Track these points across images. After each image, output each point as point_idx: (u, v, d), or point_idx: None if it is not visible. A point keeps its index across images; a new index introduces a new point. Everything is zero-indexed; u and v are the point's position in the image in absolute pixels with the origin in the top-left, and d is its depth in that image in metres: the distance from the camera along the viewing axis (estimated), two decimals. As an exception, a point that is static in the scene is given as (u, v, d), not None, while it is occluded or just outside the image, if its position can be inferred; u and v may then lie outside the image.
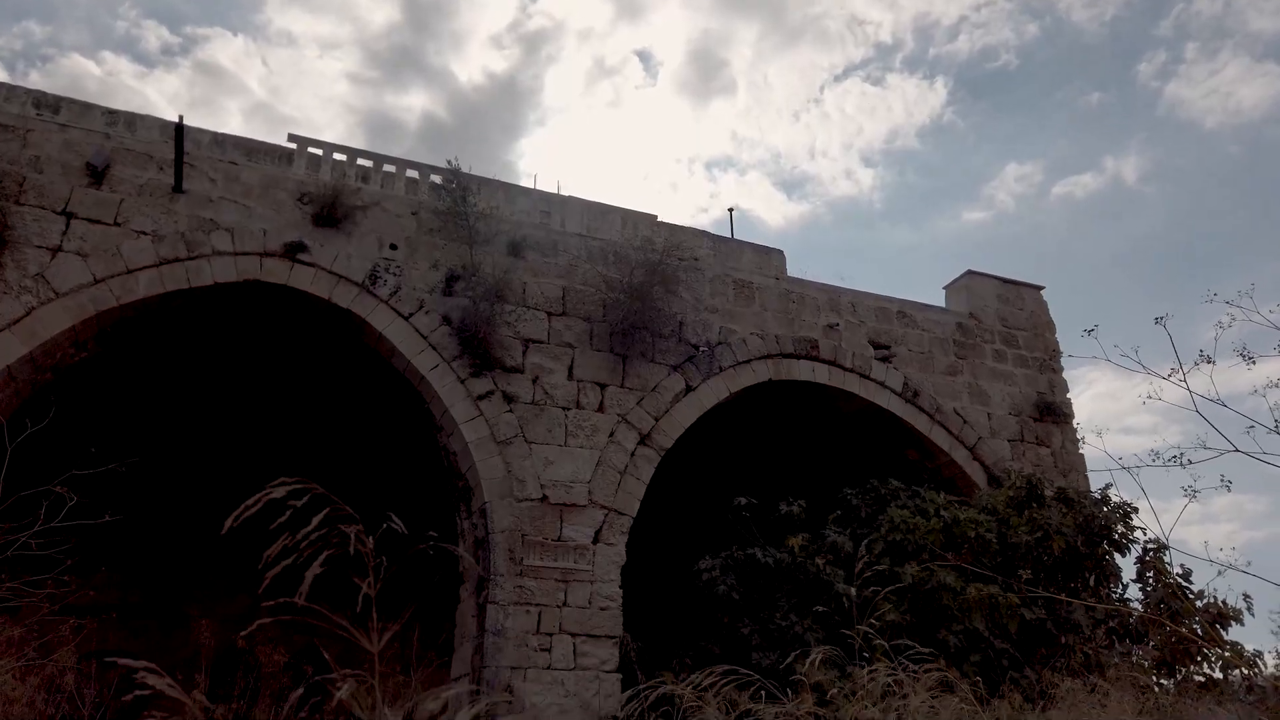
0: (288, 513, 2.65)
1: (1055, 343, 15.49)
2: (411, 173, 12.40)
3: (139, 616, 14.14)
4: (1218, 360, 6.02)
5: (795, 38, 57.40)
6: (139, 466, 9.47)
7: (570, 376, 11.48)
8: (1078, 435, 14.67)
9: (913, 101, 62.00)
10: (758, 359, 12.80)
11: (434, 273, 11.32)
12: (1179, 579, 10.27)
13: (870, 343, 13.79)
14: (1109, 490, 11.72)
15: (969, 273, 15.47)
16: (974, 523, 10.72)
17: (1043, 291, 15.87)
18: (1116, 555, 11.10)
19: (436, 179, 12.17)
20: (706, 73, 59.48)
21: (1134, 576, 10.95)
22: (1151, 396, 6.14)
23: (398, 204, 11.62)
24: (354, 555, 2.63)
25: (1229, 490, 6.48)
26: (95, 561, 11.26)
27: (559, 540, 10.55)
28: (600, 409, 11.47)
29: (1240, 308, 6.11)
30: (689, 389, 12.10)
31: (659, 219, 13.67)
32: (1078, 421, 14.91)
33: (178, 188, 10.43)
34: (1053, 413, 14.63)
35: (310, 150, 11.97)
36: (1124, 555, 11.12)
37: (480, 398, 10.85)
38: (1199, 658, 9.16)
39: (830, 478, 12.83)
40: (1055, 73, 57.26)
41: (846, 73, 62.99)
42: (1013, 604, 9.76)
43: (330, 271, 10.81)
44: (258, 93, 56.84)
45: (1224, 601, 9.51)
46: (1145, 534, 11.07)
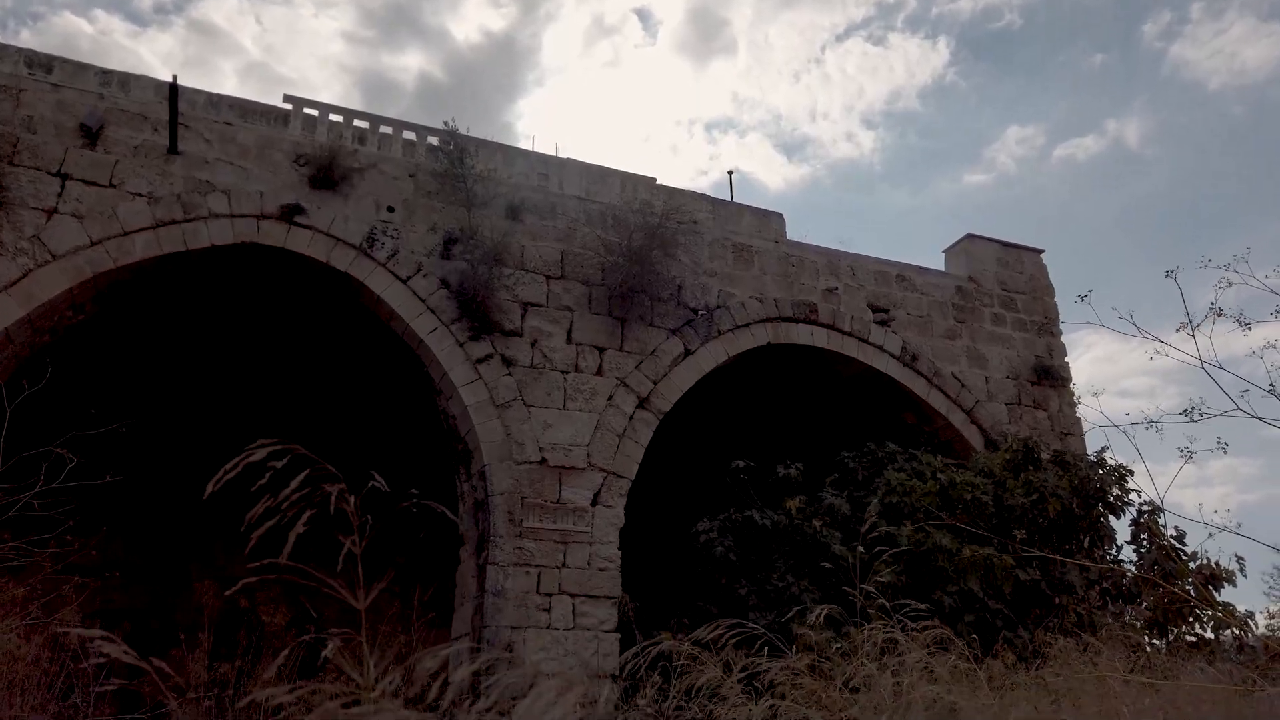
0: (267, 475, 2.66)
1: (1054, 306, 15.48)
2: (409, 134, 12.29)
3: (141, 576, 14.26)
4: (1214, 325, 6.01)
5: (796, -2, 56.63)
6: (139, 428, 9.50)
7: (569, 340, 11.49)
8: (1075, 398, 14.72)
9: (915, 62, 61.40)
10: (756, 323, 12.80)
11: (432, 235, 11.28)
12: (1173, 541, 10.38)
13: (869, 306, 13.78)
14: (1105, 453, 11.79)
15: (969, 236, 15.43)
16: (970, 485, 10.79)
17: (1043, 255, 15.84)
18: (1111, 517, 11.20)
19: (434, 141, 12.07)
20: (706, 32, 58.80)
21: (1128, 538, 11.06)
22: (1159, 353, 6.12)
23: (395, 166, 11.54)
24: (344, 515, 2.64)
25: (1225, 452, 6.50)
26: (97, 522, 11.34)
27: (558, 502, 10.62)
28: (599, 372, 11.48)
29: (1236, 272, 6.10)
30: (687, 353, 12.11)
31: (658, 182, 13.58)
32: (1075, 384, 14.96)
33: (173, 149, 10.34)
34: (1050, 376, 14.66)
35: (306, 111, 11.84)
36: (1118, 517, 11.22)
37: (479, 361, 10.86)
38: (1191, 618, 9.27)
39: (828, 441, 12.88)
40: (1059, 33, 56.66)
41: (848, 32, 62.31)
42: (1007, 565, 9.86)
43: (328, 234, 10.76)
44: (252, 52, 56.16)
45: (1217, 563, 9.61)
46: (1140, 496, 11.17)
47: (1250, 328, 6.10)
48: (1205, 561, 9.70)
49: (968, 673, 4.84)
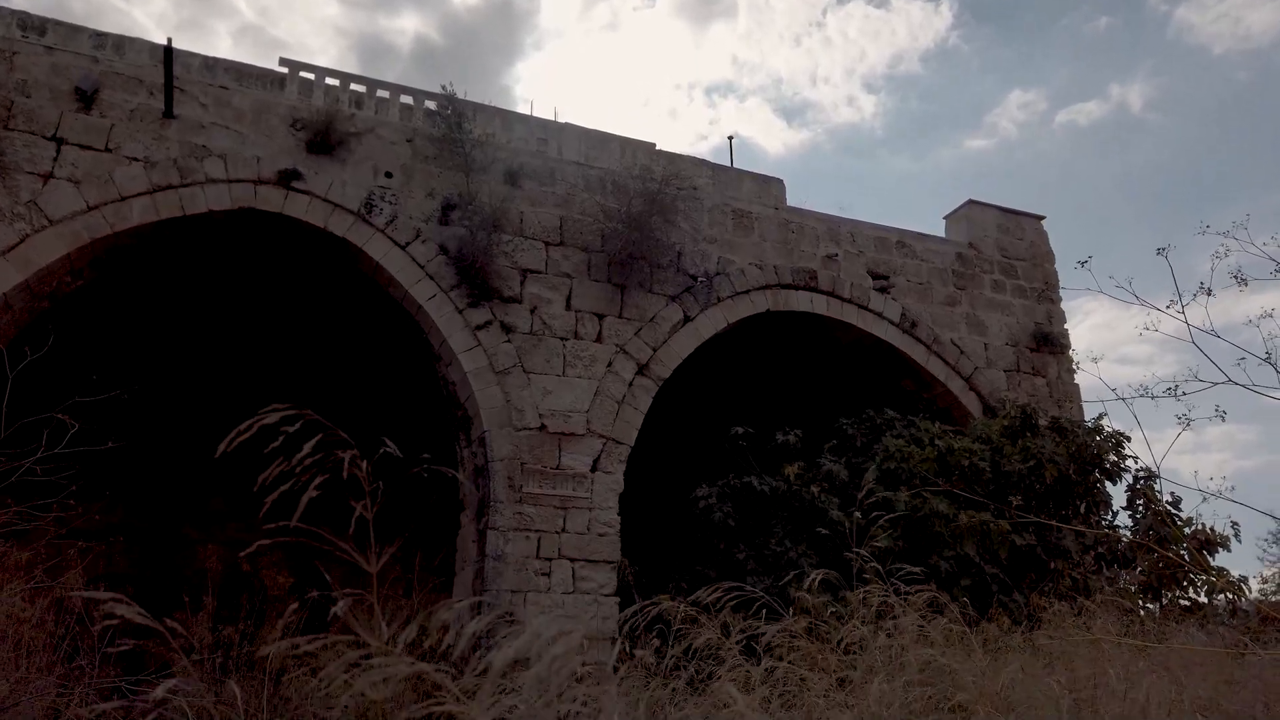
0: (280, 438, 2.68)
1: (1054, 273, 15.46)
2: (406, 98, 12.18)
3: (145, 541, 14.36)
4: (1214, 291, 6.02)
5: (798, -41, 55.85)
6: (140, 393, 9.52)
7: (568, 307, 11.48)
8: (1074, 365, 14.75)
9: (917, 25, 60.72)
10: (756, 289, 12.78)
11: (430, 201, 11.22)
12: (1168, 506, 10.46)
13: (869, 273, 13.76)
14: (1102, 420, 11.85)
15: (969, 202, 15.36)
16: (968, 451, 10.85)
17: (1043, 221, 15.78)
18: (1107, 483, 11.29)
19: (431, 105, 11.97)
20: (707, -4, 58.01)
21: (1124, 504, 11.16)
22: (1149, 328, 6.15)
23: (392, 131, 11.45)
24: (352, 480, 2.67)
25: (1223, 420, 6.54)
26: (100, 488, 11.38)
27: (558, 468, 10.68)
28: (598, 339, 11.49)
29: (1235, 239, 6.09)
30: (687, 319, 12.11)
31: (658, 147, 13.50)
32: (1074, 351, 14.99)
33: (168, 113, 10.26)
34: (1049, 343, 14.68)
35: (302, 75, 11.74)
36: (1115, 483, 11.31)
37: (478, 328, 10.86)
38: (1185, 583, 9.38)
39: (827, 408, 12.93)
40: (1063, -3, 55.91)
41: (850, -4, 61.48)
42: (1003, 530, 9.94)
43: (325, 199, 10.71)
44: (247, 14, 55.49)
45: (1211, 528, 9.71)
46: (1137, 463, 11.25)
47: (1246, 284, 6.11)
48: (1200, 527, 9.80)
49: (961, 636, 4.91)
